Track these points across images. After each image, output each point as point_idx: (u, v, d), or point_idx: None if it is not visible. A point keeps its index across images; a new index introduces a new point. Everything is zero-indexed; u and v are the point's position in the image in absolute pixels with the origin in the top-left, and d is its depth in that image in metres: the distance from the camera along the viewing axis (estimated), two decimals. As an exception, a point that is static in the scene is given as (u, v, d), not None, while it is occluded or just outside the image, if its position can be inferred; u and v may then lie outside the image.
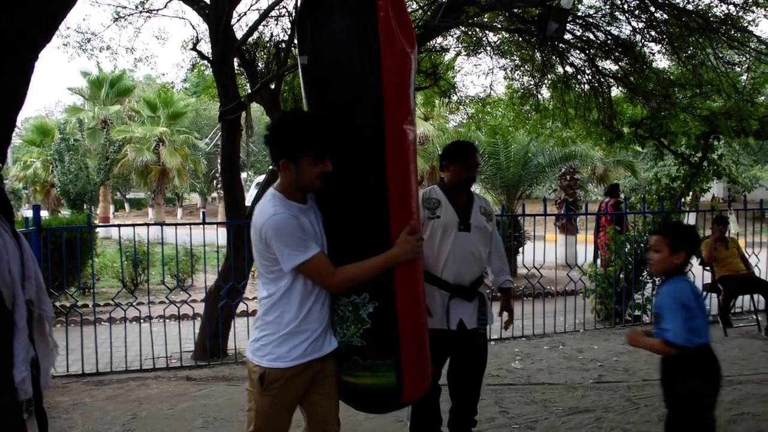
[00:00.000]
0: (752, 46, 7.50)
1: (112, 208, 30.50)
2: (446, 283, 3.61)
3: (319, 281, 2.48)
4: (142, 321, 6.52)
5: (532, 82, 8.77)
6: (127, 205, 40.64)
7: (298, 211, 2.48)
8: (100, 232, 18.79)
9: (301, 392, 2.57)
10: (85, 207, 21.33)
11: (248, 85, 7.25)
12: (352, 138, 2.50)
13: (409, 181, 2.60)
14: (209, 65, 7.02)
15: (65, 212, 21.42)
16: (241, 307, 6.76)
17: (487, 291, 3.86)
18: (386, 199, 2.52)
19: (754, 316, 7.32)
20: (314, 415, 2.65)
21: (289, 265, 2.42)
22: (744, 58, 8.13)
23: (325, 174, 2.46)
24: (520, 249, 12.11)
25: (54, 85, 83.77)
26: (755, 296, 7.38)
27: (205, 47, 7.42)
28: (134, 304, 6.28)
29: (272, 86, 6.56)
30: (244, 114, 6.75)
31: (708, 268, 7.48)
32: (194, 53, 7.22)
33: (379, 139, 2.49)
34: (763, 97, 10.64)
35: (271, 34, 7.42)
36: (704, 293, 7.71)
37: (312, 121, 2.51)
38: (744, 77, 8.92)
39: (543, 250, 7.25)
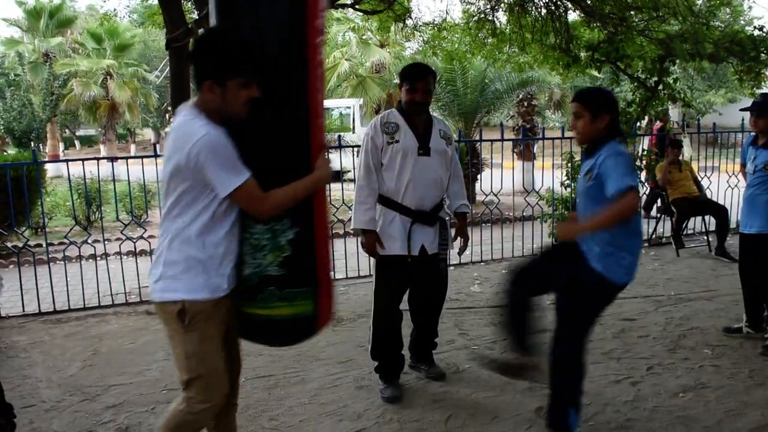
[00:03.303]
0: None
1: (61, 145, 29.46)
2: (407, 209, 3.60)
3: (251, 207, 2.30)
4: (98, 258, 6.39)
5: (488, 6, 8.61)
6: (77, 143, 39.36)
7: (223, 132, 2.28)
8: (50, 170, 18.22)
9: (224, 328, 2.43)
10: (32, 145, 20.59)
11: (195, 11, 6.94)
12: (275, 58, 2.34)
13: (322, 102, 2.51)
14: (153, -10, 6.68)
15: (11, 151, 20.67)
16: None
17: (447, 217, 3.86)
18: (308, 122, 2.40)
19: (705, 237, 7.54)
20: (229, 350, 2.53)
21: (226, 190, 2.21)
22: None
23: (251, 100, 2.27)
24: (479, 176, 12.19)
25: (-12, 16, 79.24)
26: (706, 218, 7.58)
27: (149, -29, 7.05)
28: (89, 241, 6.14)
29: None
30: (192, 42, 6.47)
31: (662, 190, 7.63)
32: (137, -22, 6.85)
33: (303, 58, 2.35)
34: (718, 21, 10.67)
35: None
36: (659, 215, 7.91)
37: (242, 41, 2.29)
38: (700, 0, 8.90)
39: (501, 176, 7.28)
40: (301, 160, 2.42)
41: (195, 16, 6.86)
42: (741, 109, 4.84)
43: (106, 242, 6.33)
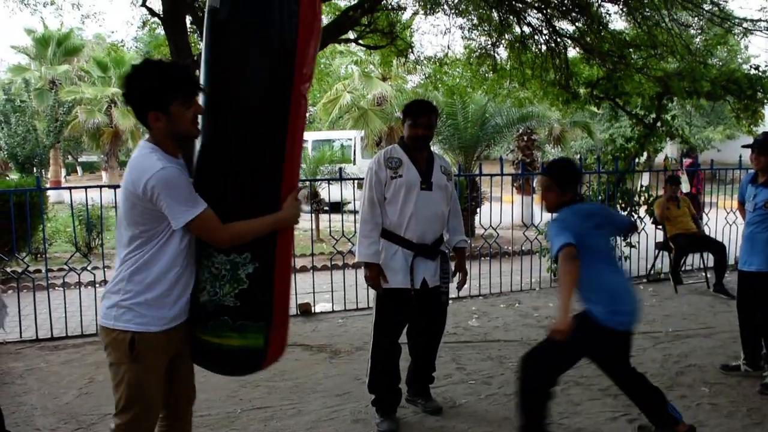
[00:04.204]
0: (706, 8, 7.59)
1: (63, 171, 29.67)
2: (409, 242, 3.64)
3: (209, 237, 2.37)
4: (97, 285, 6.39)
5: (489, 42, 8.74)
6: (79, 169, 39.59)
7: (179, 166, 2.36)
8: (52, 196, 18.31)
9: (170, 357, 2.46)
10: (35, 170, 20.71)
11: (201, 42, 7.05)
12: (255, 93, 2.42)
13: (300, 145, 2.59)
14: (160, 22, 6.80)
15: (14, 176, 20.78)
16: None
17: (447, 250, 3.90)
18: (281, 161, 2.47)
19: (703, 274, 7.55)
20: (179, 381, 2.57)
21: (181, 221, 2.28)
22: (697, 20, 8.23)
23: (197, 116, 2.35)
24: (478, 209, 12.24)
25: (-5, 43, 79.94)
26: (705, 254, 7.60)
27: (156, 3, 7.19)
28: (89, 268, 6.15)
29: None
30: (197, 73, 6.57)
31: (660, 226, 7.66)
32: (144, 10, 6.98)
33: (285, 97, 2.43)
34: (715, 59, 10.82)
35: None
36: (656, 251, 7.93)
37: (170, 64, 2.38)
38: (697, 39, 9.04)
39: (500, 210, 7.32)
40: (270, 198, 2.48)
41: (201, 47, 6.96)
42: (743, 146, 4.89)
43: (105, 269, 6.34)
